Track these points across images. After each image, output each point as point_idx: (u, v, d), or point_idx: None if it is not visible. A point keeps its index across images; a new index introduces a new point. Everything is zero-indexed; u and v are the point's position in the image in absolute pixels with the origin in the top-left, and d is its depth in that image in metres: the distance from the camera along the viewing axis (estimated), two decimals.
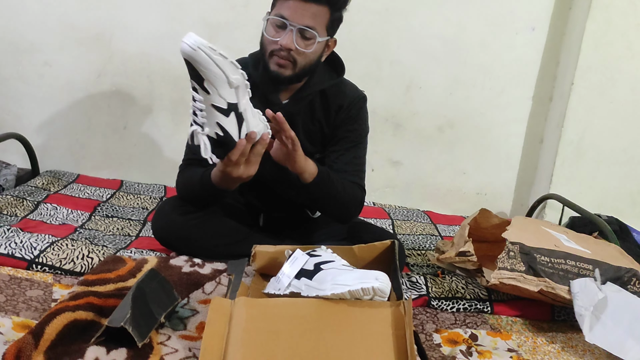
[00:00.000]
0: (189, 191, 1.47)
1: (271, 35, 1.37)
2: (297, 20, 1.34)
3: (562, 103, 2.31)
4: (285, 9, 1.35)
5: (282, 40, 1.35)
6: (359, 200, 1.53)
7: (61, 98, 2.30)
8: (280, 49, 1.36)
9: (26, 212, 1.73)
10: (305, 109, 1.51)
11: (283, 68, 1.39)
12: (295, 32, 1.35)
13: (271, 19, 1.37)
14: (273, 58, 1.39)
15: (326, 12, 1.37)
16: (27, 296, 1.21)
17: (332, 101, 1.52)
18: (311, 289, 1.10)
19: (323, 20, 1.38)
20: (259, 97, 1.47)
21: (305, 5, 1.34)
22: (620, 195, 2.35)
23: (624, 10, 2.18)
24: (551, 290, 1.34)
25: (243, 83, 1.19)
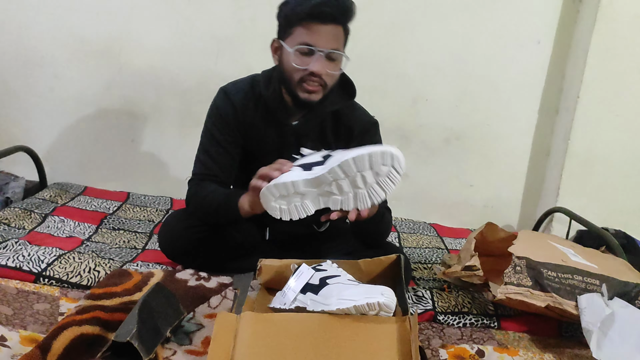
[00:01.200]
0: (204, 207, 1.45)
1: (299, 63, 1.36)
2: (324, 45, 1.34)
3: (568, 116, 2.31)
4: (308, 36, 1.34)
5: (314, 67, 1.35)
6: (391, 224, 1.59)
7: (70, 111, 2.32)
8: (311, 75, 1.36)
9: (34, 224, 1.74)
10: (315, 131, 1.51)
11: (314, 94, 1.39)
12: (324, 57, 1.35)
13: (296, 48, 1.35)
14: (302, 85, 1.38)
15: (341, 30, 1.38)
16: (34, 310, 1.22)
17: (342, 124, 1.52)
18: (317, 304, 1.10)
19: (342, 38, 1.39)
20: (269, 117, 1.48)
21: (327, 28, 1.34)
22: (627, 208, 2.34)
23: (629, 23, 2.18)
24: (558, 306, 1.34)
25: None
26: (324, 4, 1.32)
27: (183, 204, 1.64)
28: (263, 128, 1.50)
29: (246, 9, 2.26)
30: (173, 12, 2.25)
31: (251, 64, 2.25)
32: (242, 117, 1.49)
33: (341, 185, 1.21)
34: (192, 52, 2.29)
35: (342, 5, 1.35)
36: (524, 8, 2.31)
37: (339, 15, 1.35)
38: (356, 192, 1.21)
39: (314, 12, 1.32)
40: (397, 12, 2.29)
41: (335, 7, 1.33)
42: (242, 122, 1.49)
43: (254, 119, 1.49)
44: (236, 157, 1.51)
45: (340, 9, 1.34)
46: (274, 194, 1.23)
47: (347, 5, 1.35)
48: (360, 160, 1.18)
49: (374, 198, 1.20)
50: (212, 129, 1.49)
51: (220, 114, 1.48)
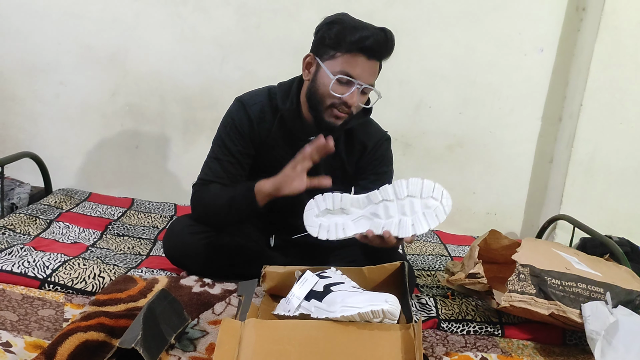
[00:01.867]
0: (213, 203, 1.45)
1: (337, 92, 1.36)
2: (365, 80, 1.36)
3: (571, 123, 2.31)
4: (352, 68, 1.35)
5: (351, 100, 1.36)
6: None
7: (75, 117, 2.34)
8: (343, 103, 1.37)
9: (39, 230, 1.75)
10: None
11: (339, 120, 1.41)
12: (360, 90, 1.37)
13: (338, 77, 1.35)
14: (332, 111, 1.39)
15: (379, 66, 1.41)
16: (39, 316, 1.22)
17: (356, 140, 1.52)
18: (321, 311, 1.10)
19: (377, 74, 1.42)
20: (285, 131, 1.49)
21: (370, 64, 1.36)
22: (631, 216, 2.33)
23: (632, 31, 2.19)
24: (562, 314, 1.33)
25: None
26: (373, 38, 1.33)
27: (187, 210, 1.65)
28: (278, 141, 1.50)
29: (250, 16, 2.27)
30: (178, 19, 2.27)
31: (255, 71, 2.29)
32: (258, 129, 1.49)
33: (388, 207, 1.22)
34: (197, 59, 2.31)
35: (390, 45, 1.37)
36: (527, 16, 2.33)
37: (383, 52, 1.38)
38: (400, 219, 1.21)
39: (364, 47, 1.33)
40: (400, 20, 2.30)
41: (382, 43, 1.35)
42: (256, 134, 1.49)
43: (269, 131, 1.49)
44: (246, 168, 1.52)
45: (385, 46, 1.37)
46: (319, 205, 1.25)
47: (392, 43, 1.38)
48: (414, 184, 1.22)
49: (416, 228, 1.21)
50: (225, 138, 1.49)
51: (235, 124, 1.48)
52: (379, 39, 1.34)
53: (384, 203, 1.24)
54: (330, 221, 1.26)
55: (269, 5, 2.26)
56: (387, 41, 1.36)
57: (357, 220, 1.25)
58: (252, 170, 1.53)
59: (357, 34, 1.33)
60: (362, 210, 1.25)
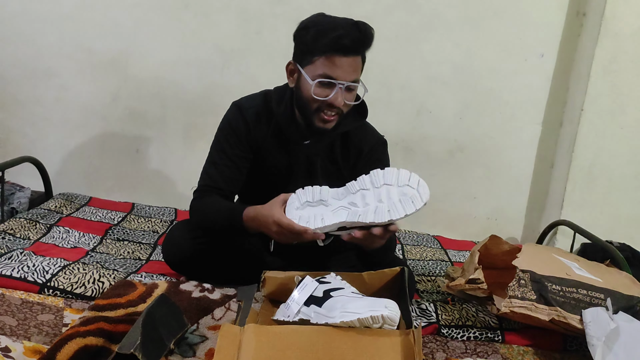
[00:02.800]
0: (208, 219, 1.45)
1: (320, 95, 1.35)
2: (345, 78, 1.35)
3: (572, 128, 2.31)
4: (329, 69, 1.34)
5: (335, 101, 1.35)
6: (396, 242, 1.57)
7: (76, 122, 2.34)
8: (329, 106, 1.36)
9: (39, 235, 1.75)
10: (325, 150, 1.51)
11: (329, 123, 1.40)
12: (344, 89, 1.36)
13: (318, 81, 1.34)
14: (319, 115, 1.39)
15: (360, 59, 1.39)
16: (39, 320, 1.22)
17: (352, 144, 1.52)
18: (320, 316, 1.10)
19: (360, 67, 1.40)
20: (280, 135, 1.49)
21: (349, 61, 1.34)
22: (632, 221, 2.33)
23: (632, 37, 2.19)
24: (563, 320, 1.33)
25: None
26: (346, 36, 1.31)
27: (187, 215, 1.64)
28: (274, 145, 1.50)
29: (251, 21, 2.28)
30: (179, 24, 2.28)
31: (256, 76, 2.29)
32: (254, 133, 1.49)
33: (365, 196, 1.24)
34: (198, 64, 2.31)
35: (364, 37, 1.35)
36: (528, 21, 2.33)
37: (360, 47, 1.36)
38: (377, 206, 1.22)
39: (337, 46, 1.32)
40: (401, 25, 2.31)
41: (356, 39, 1.33)
42: (253, 138, 1.49)
43: (265, 135, 1.49)
44: (244, 172, 1.52)
45: (362, 41, 1.35)
46: (300, 199, 1.28)
47: (368, 36, 1.36)
48: (390, 173, 1.24)
49: (392, 214, 1.21)
50: (222, 142, 1.49)
51: (233, 128, 1.48)
52: (352, 35, 1.32)
53: (361, 192, 1.24)
54: (309, 213, 1.26)
55: (270, 10, 2.26)
56: (362, 35, 1.34)
57: (336, 210, 1.26)
58: (250, 173, 1.53)
59: (330, 35, 1.32)
60: (340, 201, 1.26)
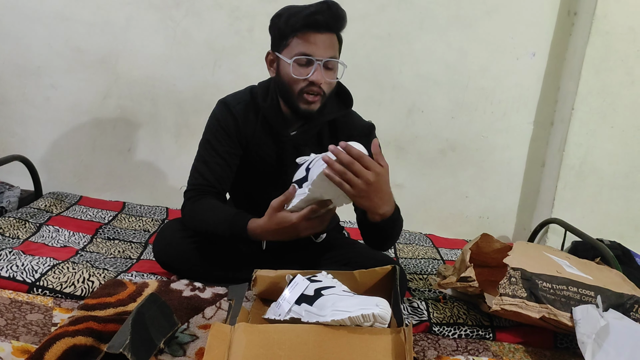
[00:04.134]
0: (203, 223, 1.43)
1: (298, 74, 1.37)
2: (321, 54, 1.36)
3: (563, 127, 2.32)
4: (305, 47, 1.35)
5: (314, 77, 1.36)
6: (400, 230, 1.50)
7: (66, 120, 2.32)
8: (310, 84, 1.37)
9: (28, 234, 1.73)
10: (313, 140, 1.51)
11: (313, 104, 1.40)
12: (321, 67, 1.36)
13: (296, 59, 1.36)
14: (302, 97, 1.39)
15: (335, 38, 1.41)
16: (27, 320, 1.21)
17: (340, 132, 1.52)
18: (311, 315, 1.09)
19: (337, 46, 1.41)
20: (268, 128, 1.49)
21: (323, 37, 1.36)
22: (622, 220, 2.35)
23: (623, 36, 2.20)
24: (553, 317, 1.33)
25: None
26: (317, 12, 1.34)
27: (179, 213, 1.64)
28: (262, 139, 1.50)
29: (243, 19, 2.27)
30: (170, 22, 2.26)
31: (248, 75, 2.27)
32: (243, 128, 1.49)
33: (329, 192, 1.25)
34: (189, 63, 2.30)
35: (335, 14, 1.36)
36: (520, 21, 2.34)
37: (332, 24, 1.37)
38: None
39: (309, 22, 1.34)
40: (393, 24, 2.31)
41: (328, 16, 1.35)
42: (242, 133, 1.50)
43: (254, 130, 1.50)
44: (233, 169, 1.52)
45: (333, 17, 1.36)
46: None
47: (340, 14, 1.37)
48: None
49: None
50: (211, 139, 1.49)
51: (221, 125, 1.49)
52: (324, 12, 1.34)
53: (322, 193, 1.27)
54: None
55: (261, 8, 2.25)
56: (331, 11, 1.35)
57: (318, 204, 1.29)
58: (241, 168, 1.53)
59: (302, 14, 1.34)
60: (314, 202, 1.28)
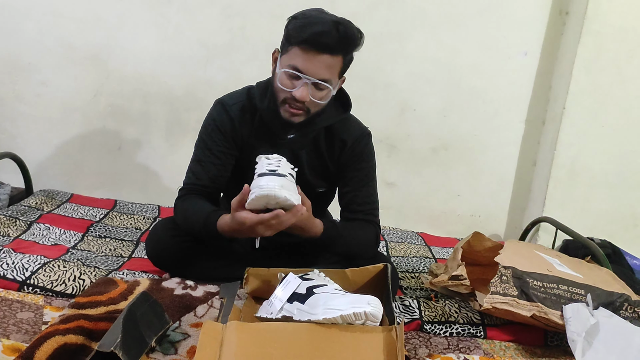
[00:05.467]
0: (188, 222, 1.43)
1: (285, 86, 1.34)
2: (313, 74, 1.31)
3: (554, 126, 2.33)
4: (299, 61, 1.31)
5: (297, 93, 1.33)
6: (373, 238, 1.52)
7: (57, 118, 2.31)
8: (294, 99, 1.34)
9: (19, 232, 1.72)
10: (310, 144, 1.50)
11: (295, 116, 1.38)
12: (310, 85, 1.33)
13: (284, 71, 1.33)
14: (285, 106, 1.37)
15: (340, 60, 1.35)
16: (18, 318, 1.20)
17: (336, 137, 1.50)
18: (303, 313, 1.10)
19: (337, 68, 1.36)
20: (264, 130, 1.47)
21: (321, 58, 1.31)
22: (613, 218, 2.36)
23: (614, 36, 2.22)
24: (544, 315, 1.34)
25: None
26: (324, 34, 1.29)
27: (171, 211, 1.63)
28: (258, 141, 1.48)
29: (235, 17, 2.26)
30: (162, 19, 2.25)
31: (240, 72, 2.28)
32: (239, 129, 1.48)
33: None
34: (181, 60, 2.29)
35: (343, 38, 1.31)
36: (512, 20, 2.35)
37: (337, 47, 1.31)
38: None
39: (312, 40, 1.29)
40: (386, 22, 2.31)
41: (335, 39, 1.29)
42: (238, 134, 1.48)
43: (250, 131, 1.48)
44: (229, 169, 1.51)
45: (340, 41, 1.31)
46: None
47: (349, 37, 1.32)
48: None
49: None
50: (206, 139, 1.48)
51: (217, 125, 1.47)
52: (330, 34, 1.28)
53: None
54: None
55: (254, 6, 2.25)
56: (339, 36, 1.30)
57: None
58: (236, 170, 1.52)
59: (309, 29, 1.29)
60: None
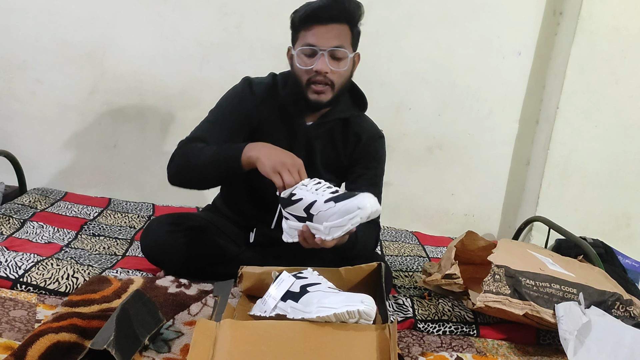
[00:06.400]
0: (194, 159, 1.39)
1: (304, 64, 1.41)
2: (325, 43, 1.39)
3: (547, 126, 2.34)
4: (310, 37, 1.39)
5: (317, 66, 1.39)
6: (374, 239, 1.56)
7: (52, 116, 2.30)
8: (316, 74, 1.40)
9: (12, 230, 1.72)
10: (325, 135, 1.54)
11: (322, 94, 1.43)
12: (327, 55, 1.39)
13: (300, 50, 1.41)
14: (310, 87, 1.42)
15: (347, 29, 1.42)
16: (11, 316, 1.20)
17: (351, 131, 1.55)
18: (297, 312, 1.10)
19: (347, 37, 1.43)
20: (285, 115, 1.51)
21: (328, 28, 1.39)
22: (605, 218, 2.38)
23: (608, 36, 2.23)
24: (536, 314, 1.35)
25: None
26: (323, 7, 1.38)
27: (166, 210, 1.64)
28: (277, 124, 1.52)
29: (232, 15, 2.26)
30: (158, 17, 2.25)
31: (236, 71, 2.27)
32: (260, 108, 1.51)
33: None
34: (177, 59, 2.29)
35: (342, 6, 1.39)
36: (506, 20, 2.36)
37: (339, 15, 1.39)
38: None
39: (313, 14, 1.38)
40: (382, 22, 2.32)
41: (335, 9, 1.39)
42: (259, 113, 1.51)
43: (271, 113, 1.51)
44: (235, 140, 1.48)
45: (341, 10, 1.39)
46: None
47: (345, 5, 1.40)
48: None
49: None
50: (225, 105, 1.51)
51: (240, 97, 1.51)
52: (329, 5, 1.38)
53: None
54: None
55: (250, 5, 2.25)
56: (338, 5, 1.39)
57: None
58: None
59: (309, 7, 1.39)
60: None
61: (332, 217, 1.19)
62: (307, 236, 1.23)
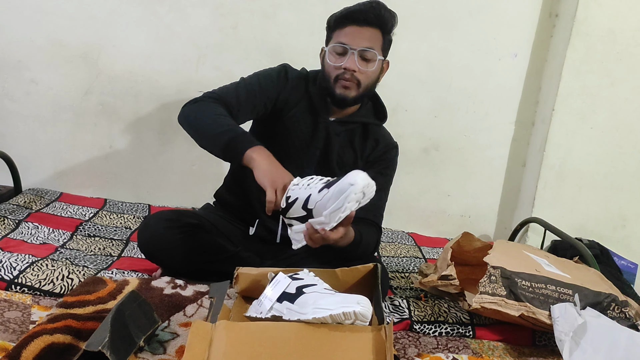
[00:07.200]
0: (204, 117, 1.41)
1: (334, 62, 1.49)
2: (356, 43, 1.47)
3: (543, 128, 2.35)
4: (343, 37, 1.48)
5: (346, 64, 1.47)
6: (375, 242, 1.61)
7: (47, 116, 2.29)
8: (345, 72, 1.48)
9: (7, 231, 1.71)
10: (345, 134, 1.60)
11: (348, 90, 1.50)
12: (357, 55, 1.47)
13: (331, 47, 1.50)
14: (338, 83, 1.50)
15: (379, 34, 1.50)
16: (5, 317, 1.19)
17: (371, 136, 1.63)
18: (293, 313, 1.10)
19: (378, 42, 1.50)
20: (311, 107, 1.58)
21: (361, 30, 1.47)
22: (601, 219, 2.38)
23: (603, 39, 2.24)
24: (532, 315, 1.35)
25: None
26: (360, 10, 1.47)
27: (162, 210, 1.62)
28: (302, 114, 1.58)
29: (227, 16, 2.26)
30: (153, 18, 2.24)
31: (232, 72, 2.27)
32: (290, 93, 1.57)
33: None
34: (173, 59, 2.28)
35: (378, 12, 1.47)
36: (502, 22, 2.36)
37: (373, 20, 1.47)
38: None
39: (349, 15, 1.47)
40: None
41: (368, 10, 1.47)
42: (287, 96, 1.57)
43: (298, 101, 1.58)
44: (254, 112, 1.55)
45: (376, 15, 1.47)
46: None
47: (381, 13, 1.48)
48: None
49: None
50: (254, 78, 1.56)
51: (274, 76, 1.57)
52: (365, 8, 1.47)
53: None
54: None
55: (246, 6, 2.25)
56: (374, 9, 1.46)
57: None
58: (266, 135, 1.54)
59: (346, 11, 1.48)
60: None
61: (328, 202, 1.21)
62: (311, 233, 1.24)
